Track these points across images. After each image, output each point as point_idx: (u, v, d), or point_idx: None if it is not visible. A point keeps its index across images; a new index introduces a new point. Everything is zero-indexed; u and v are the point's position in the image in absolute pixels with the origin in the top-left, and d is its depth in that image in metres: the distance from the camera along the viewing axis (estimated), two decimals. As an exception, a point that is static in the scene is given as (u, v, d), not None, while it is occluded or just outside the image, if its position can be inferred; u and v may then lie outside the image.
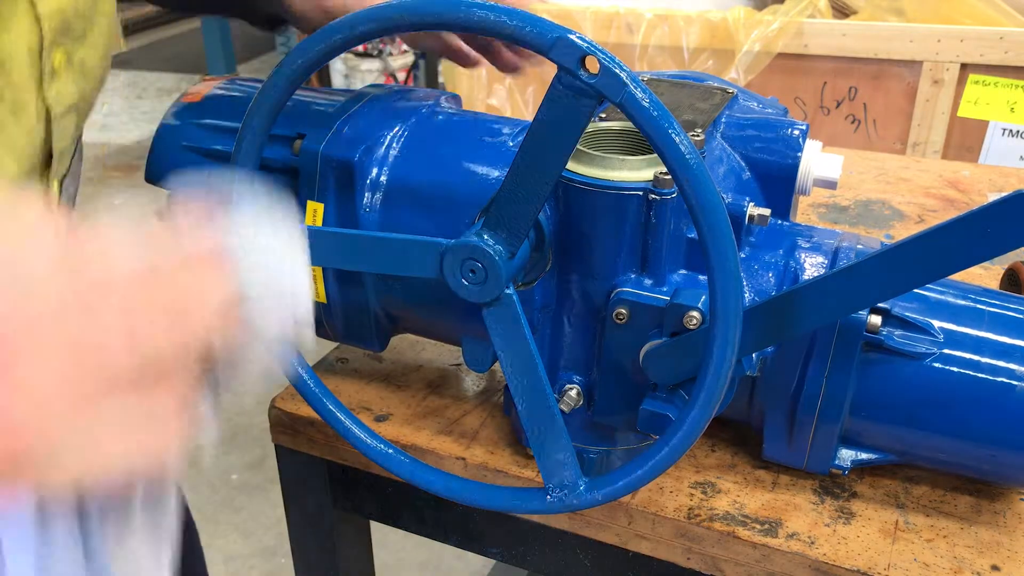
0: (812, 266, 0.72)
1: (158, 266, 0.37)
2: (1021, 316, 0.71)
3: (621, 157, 0.66)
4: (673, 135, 0.53)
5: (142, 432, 0.38)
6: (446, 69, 2.30)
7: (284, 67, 0.64)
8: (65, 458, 0.36)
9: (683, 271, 0.70)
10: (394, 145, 0.79)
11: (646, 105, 0.53)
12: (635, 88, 0.53)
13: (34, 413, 0.35)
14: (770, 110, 0.81)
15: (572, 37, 0.53)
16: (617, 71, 0.53)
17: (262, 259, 0.39)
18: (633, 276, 0.68)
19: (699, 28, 2.02)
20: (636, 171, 0.66)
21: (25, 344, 0.35)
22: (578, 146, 0.66)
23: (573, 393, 0.73)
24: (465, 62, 0.93)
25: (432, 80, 4.07)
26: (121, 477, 0.38)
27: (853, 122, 2.04)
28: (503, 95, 2.22)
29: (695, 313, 0.64)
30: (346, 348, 0.97)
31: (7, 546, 0.42)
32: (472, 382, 0.92)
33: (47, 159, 0.63)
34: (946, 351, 0.69)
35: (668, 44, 2.06)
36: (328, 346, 0.96)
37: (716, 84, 0.84)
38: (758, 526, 0.73)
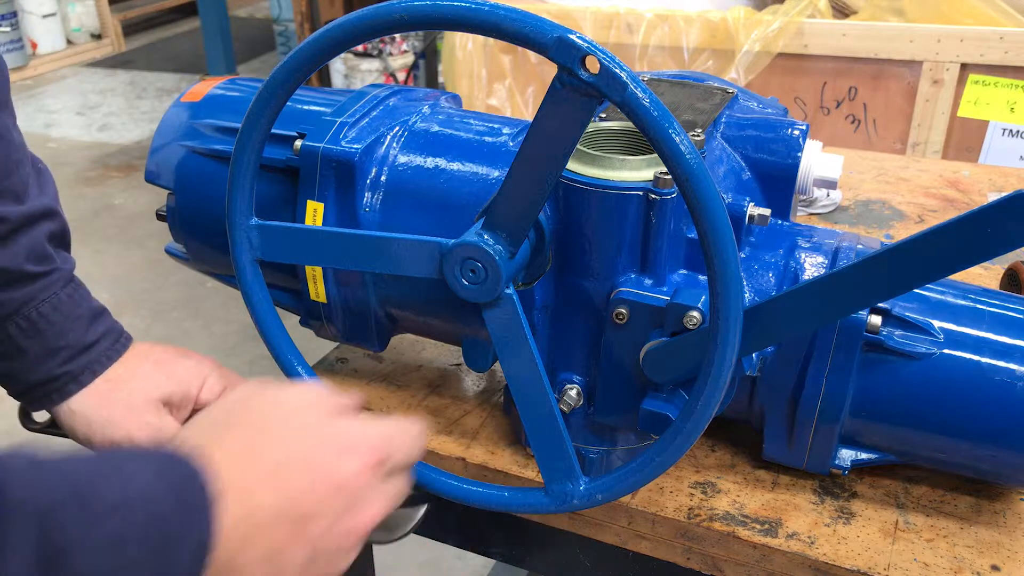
0: (812, 266, 0.72)
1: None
2: (1021, 316, 0.71)
3: (621, 157, 0.66)
4: (673, 135, 0.53)
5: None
6: (446, 69, 2.30)
7: (284, 67, 0.64)
8: None
9: (683, 271, 0.70)
10: (394, 145, 0.79)
11: (647, 105, 0.53)
12: (635, 88, 0.53)
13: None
14: (770, 110, 0.81)
15: (572, 37, 0.53)
16: (617, 71, 0.53)
17: None
18: (633, 276, 0.68)
19: (699, 28, 2.02)
20: (636, 171, 0.66)
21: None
22: (578, 146, 0.66)
23: (573, 393, 0.73)
24: None
25: (432, 80, 4.07)
26: None
27: (853, 122, 2.04)
28: (503, 95, 2.22)
29: (695, 313, 0.64)
30: (346, 348, 0.97)
31: None
32: (472, 382, 0.92)
33: None
34: (946, 351, 0.69)
35: (668, 44, 2.06)
36: (328, 346, 0.96)
37: (716, 84, 0.84)
38: (758, 526, 0.73)
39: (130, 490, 0.45)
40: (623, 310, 0.67)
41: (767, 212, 0.70)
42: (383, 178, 0.78)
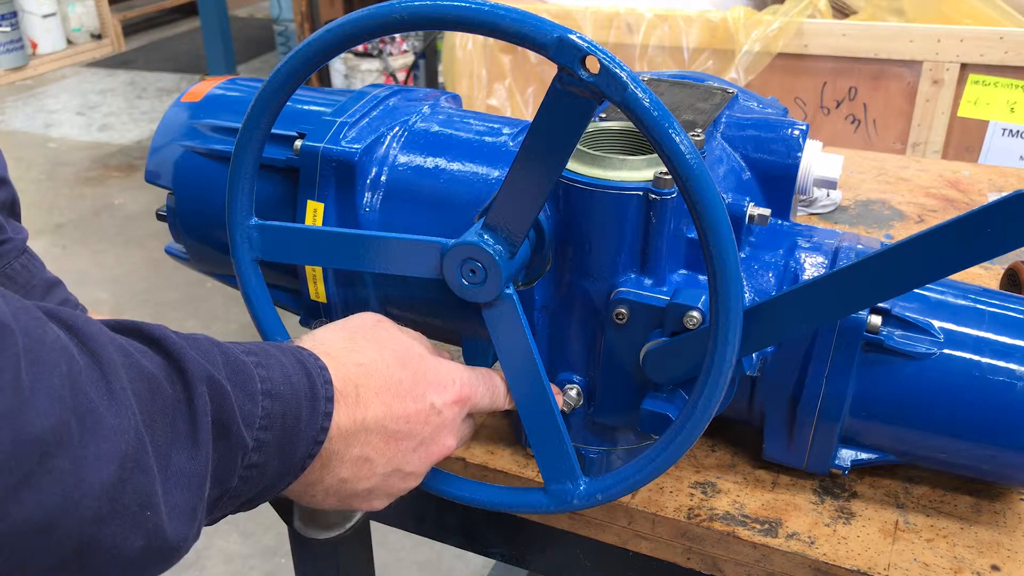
0: (812, 266, 0.72)
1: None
2: (1021, 316, 0.71)
3: (621, 157, 0.66)
4: (673, 135, 0.53)
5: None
6: (446, 69, 2.29)
7: (285, 67, 0.64)
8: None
9: (683, 271, 0.70)
10: (394, 145, 0.79)
11: (647, 105, 0.53)
12: (636, 88, 0.53)
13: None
14: (770, 110, 0.81)
15: (573, 37, 0.53)
16: (617, 71, 0.53)
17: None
18: (633, 276, 0.68)
19: (699, 28, 2.02)
20: (636, 171, 0.66)
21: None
22: (578, 146, 0.66)
23: (573, 393, 0.73)
24: None
25: (432, 80, 4.07)
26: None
27: (853, 122, 2.04)
28: (503, 95, 2.22)
29: (695, 313, 0.64)
30: (346, 348, 0.96)
31: None
32: (472, 382, 0.92)
33: None
34: (946, 351, 0.69)
35: (668, 44, 2.06)
36: (328, 346, 0.96)
37: (716, 84, 0.84)
38: (758, 526, 0.73)
39: (278, 379, 0.53)
40: (623, 310, 0.67)
41: (767, 212, 0.70)
42: (383, 178, 0.78)
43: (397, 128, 0.80)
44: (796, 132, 0.77)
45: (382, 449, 0.61)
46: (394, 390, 0.61)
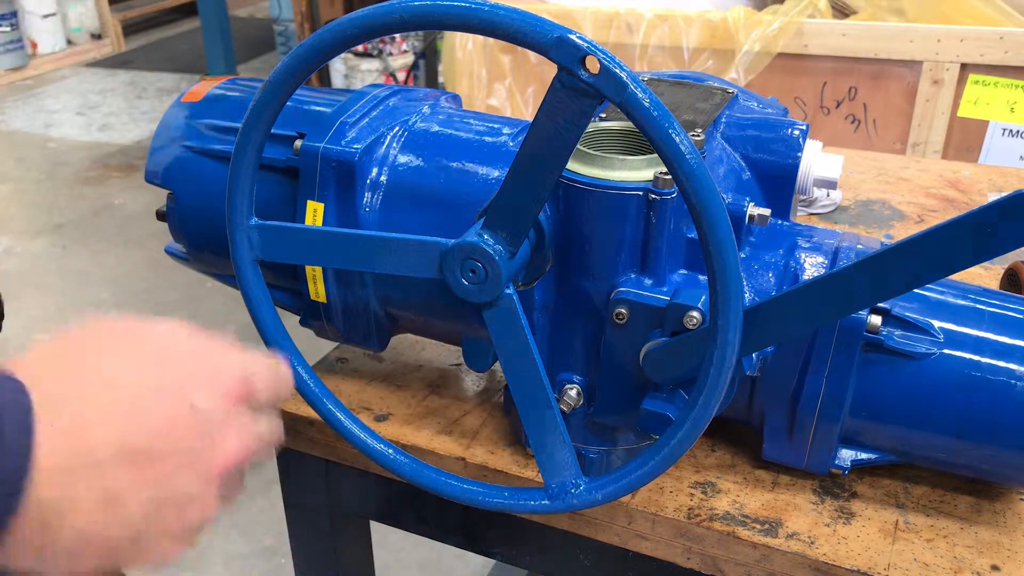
0: (812, 266, 0.72)
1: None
2: (1021, 316, 0.71)
3: (621, 157, 0.66)
4: (673, 135, 0.53)
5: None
6: (446, 69, 2.30)
7: (284, 67, 0.64)
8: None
9: (683, 271, 0.70)
10: (394, 145, 0.79)
11: (647, 105, 0.53)
12: (636, 88, 0.53)
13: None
14: (770, 110, 0.81)
15: (573, 37, 0.53)
16: (617, 71, 0.53)
17: None
18: (633, 276, 0.68)
19: (699, 28, 2.02)
20: (636, 171, 0.66)
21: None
22: (578, 146, 0.66)
23: (573, 393, 0.73)
24: None
25: (432, 80, 4.07)
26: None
27: (853, 122, 2.04)
28: (503, 95, 2.22)
29: (695, 313, 0.64)
30: (346, 348, 0.97)
31: None
32: (472, 382, 0.92)
33: None
34: (946, 351, 0.69)
35: (668, 44, 2.06)
36: (328, 346, 0.96)
37: (716, 84, 0.84)
38: (758, 526, 0.73)
39: None
40: (623, 310, 0.67)
41: (767, 212, 0.70)
42: (383, 178, 0.78)
43: (397, 128, 0.80)
44: (796, 132, 0.77)
45: (132, 479, 0.44)
46: (132, 398, 0.46)
